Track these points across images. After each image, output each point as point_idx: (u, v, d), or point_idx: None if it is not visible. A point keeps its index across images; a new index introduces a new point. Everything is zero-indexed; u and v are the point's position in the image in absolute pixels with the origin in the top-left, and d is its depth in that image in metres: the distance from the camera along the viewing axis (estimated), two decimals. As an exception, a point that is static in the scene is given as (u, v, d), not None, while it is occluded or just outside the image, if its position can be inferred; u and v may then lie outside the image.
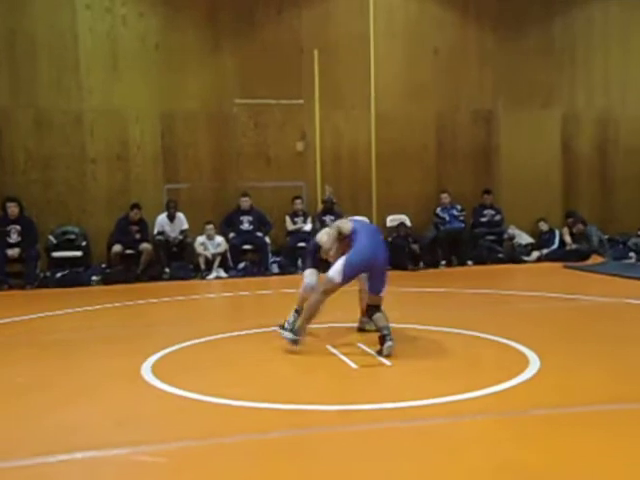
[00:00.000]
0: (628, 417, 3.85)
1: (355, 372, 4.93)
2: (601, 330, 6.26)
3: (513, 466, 3.19)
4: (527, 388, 4.41)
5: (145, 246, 10.66)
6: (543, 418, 3.85)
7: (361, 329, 6.19)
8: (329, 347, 5.60)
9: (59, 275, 10.32)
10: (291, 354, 5.51)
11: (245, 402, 4.18)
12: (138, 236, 10.74)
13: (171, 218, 11.14)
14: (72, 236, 10.89)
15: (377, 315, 5.50)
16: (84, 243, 10.94)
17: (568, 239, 12.16)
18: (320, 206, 11.96)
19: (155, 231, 11.08)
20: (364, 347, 5.57)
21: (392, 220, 12.11)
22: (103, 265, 10.86)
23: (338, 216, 11.60)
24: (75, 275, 10.37)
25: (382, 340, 5.31)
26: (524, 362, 4.98)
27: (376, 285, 5.57)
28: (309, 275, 6.11)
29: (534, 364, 4.92)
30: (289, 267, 11.13)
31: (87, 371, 5.17)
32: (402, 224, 11.73)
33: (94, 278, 10.47)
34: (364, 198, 12.32)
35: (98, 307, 8.26)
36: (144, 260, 10.61)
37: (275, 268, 11.19)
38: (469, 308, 7.61)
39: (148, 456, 3.41)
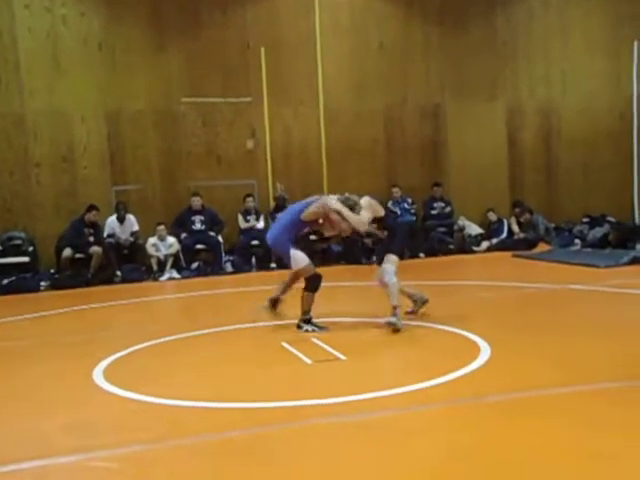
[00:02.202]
0: (576, 400, 3.96)
1: (310, 367, 4.95)
2: (549, 316, 6.42)
3: (465, 453, 3.25)
4: (478, 376, 4.50)
5: (95, 249, 10.46)
6: (493, 405, 3.93)
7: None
8: (284, 344, 5.61)
9: (5, 282, 10.06)
10: (246, 352, 5.52)
11: (200, 403, 4.16)
12: (92, 239, 10.53)
13: (121, 220, 10.97)
14: (18, 241, 10.63)
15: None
16: (31, 248, 10.69)
17: (516, 228, 12.43)
18: (272, 203, 11.94)
19: (105, 234, 10.90)
20: (319, 342, 5.60)
21: (344, 215, 12.17)
22: (52, 270, 10.64)
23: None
24: (23, 281, 10.14)
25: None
26: (475, 350, 5.08)
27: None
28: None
29: (485, 352, 5.02)
30: (243, 266, 11.09)
31: (36, 377, 5.07)
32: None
33: (43, 284, 10.26)
34: (316, 193, 12.18)
35: (47, 313, 8.08)
36: (95, 264, 10.42)
37: (229, 267, 11.13)
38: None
39: (101, 462, 3.37)
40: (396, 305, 5.89)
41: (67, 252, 10.37)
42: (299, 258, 6.00)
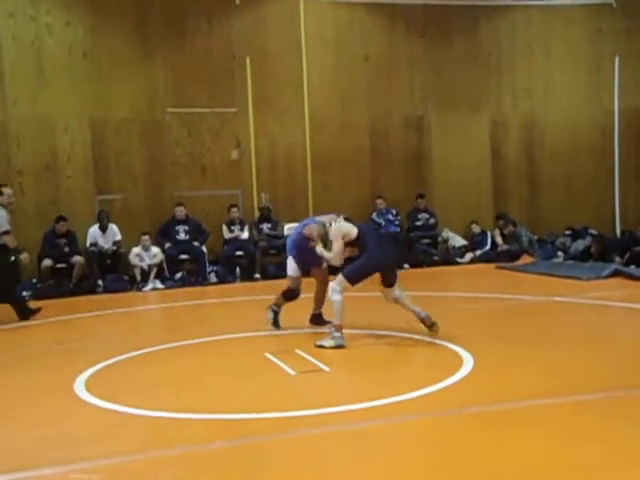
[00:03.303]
0: (558, 410, 3.98)
1: (294, 378, 4.94)
2: (532, 328, 6.46)
3: (449, 464, 3.25)
4: (461, 387, 4.51)
5: (77, 259, 10.40)
6: (477, 415, 3.95)
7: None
8: (268, 355, 5.59)
9: (-14, 291, 9.93)
10: (229, 363, 5.50)
11: (183, 414, 4.13)
12: (67, 249, 10.48)
13: (103, 229, 10.90)
14: (0, 251, 10.49)
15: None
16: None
17: (499, 240, 12.50)
18: (257, 214, 11.94)
19: (87, 243, 10.83)
20: (302, 353, 5.58)
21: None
22: (34, 280, 10.53)
23: (275, 223, 11.67)
24: (4, 291, 10.01)
25: None
26: (458, 362, 5.10)
27: None
28: None
29: (468, 363, 5.04)
30: (227, 276, 11.05)
31: (17, 388, 5.02)
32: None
33: (25, 293, 10.12)
34: (301, 204, 12.35)
35: (28, 323, 7.99)
36: (76, 273, 10.35)
37: (213, 277, 11.09)
38: (405, 311, 7.71)
39: (82, 474, 3.33)
40: (335, 324, 5.75)
41: (46, 262, 10.29)
42: (290, 268, 6.50)
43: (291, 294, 6.55)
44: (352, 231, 5.97)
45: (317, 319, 6.69)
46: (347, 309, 6.40)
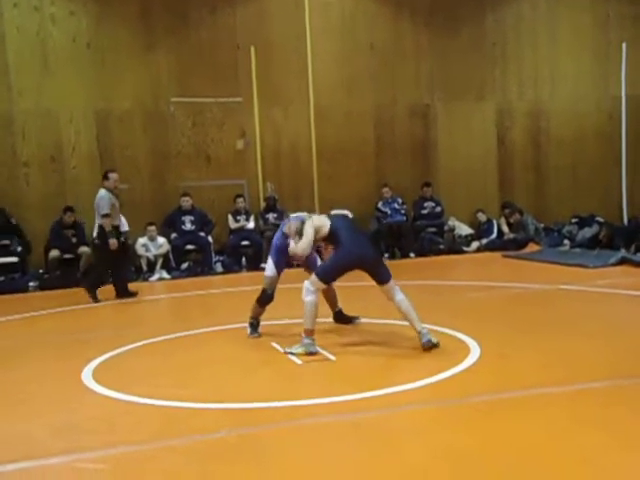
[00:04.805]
0: (563, 399, 3.97)
1: (300, 368, 4.94)
2: (538, 316, 6.44)
3: (452, 453, 3.25)
4: (467, 376, 4.50)
5: (84, 249, 10.44)
6: (483, 404, 3.94)
7: None
8: (274, 344, 5.61)
9: (-6, 282, 10.00)
10: (236, 352, 5.51)
11: (191, 403, 4.14)
12: (74, 240, 10.52)
13: (112, 220, 10.91)
14: (7, 242, 10.55)
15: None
16: (19, 249, 10.62)
17: (506, 229, 12.48)
18: (262, 204, 11.94)
19: (95, 233, 10.83)
20: (308, 342, 5.58)
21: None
22: (41, 270, 10.58)
23: (281, 213, 11.67)
24: (11, 281, 10.07)
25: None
26: (465, 350, 5.09)
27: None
28: None
29: (474, 352, 5.03)
30: (233, 266, 11.08)
31: (24, 378, 5.04)
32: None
33: (32, 284, 10.20)
34: (306, 194, 12.35)
35: (36, 313, 8.04)
36: (83, 264, 10.39)
37: (219, 267, 11.12)
38: (411, 299, 7.71)
39: (89, 463, 3.35)
40: (305, 329, 5.25)
41: (54, 253, 10.34)
42: (268, 267, 5.99)
43: (266, 298, 5.95)
44: (324, 225, 5.44)
45: (340, 317, 6.38)
46: (351, 298, 6.41)
